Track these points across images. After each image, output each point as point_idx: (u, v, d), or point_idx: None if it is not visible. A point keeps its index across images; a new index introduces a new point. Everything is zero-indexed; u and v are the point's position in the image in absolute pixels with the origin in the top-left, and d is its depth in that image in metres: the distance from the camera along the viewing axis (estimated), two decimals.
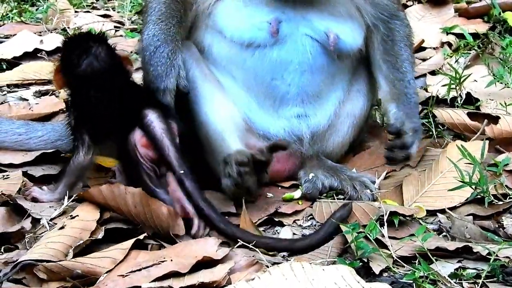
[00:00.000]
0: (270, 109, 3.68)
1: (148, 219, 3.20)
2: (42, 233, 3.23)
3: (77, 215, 3.23)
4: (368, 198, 3.57)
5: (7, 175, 3.62)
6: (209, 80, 3.61)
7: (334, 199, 3.61)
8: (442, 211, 3.43)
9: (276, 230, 3.41)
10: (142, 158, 3.25)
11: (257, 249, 3.07)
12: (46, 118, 4.39)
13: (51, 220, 3.32)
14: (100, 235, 3.15)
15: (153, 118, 3.25)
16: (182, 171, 3.20)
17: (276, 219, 3.47)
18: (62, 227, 3.17)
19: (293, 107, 3.69)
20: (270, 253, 3.14)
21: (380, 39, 3.78)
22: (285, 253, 3.19)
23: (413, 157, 3.62)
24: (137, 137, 3.26)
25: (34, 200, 3.47)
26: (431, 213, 3.44)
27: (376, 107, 4.16)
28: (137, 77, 4.96)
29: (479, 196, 3.36)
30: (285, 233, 3.39)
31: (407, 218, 3.35)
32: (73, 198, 3.40)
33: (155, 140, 3.23)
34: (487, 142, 3.58)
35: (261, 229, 3.38)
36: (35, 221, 3.34)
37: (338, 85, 3.80)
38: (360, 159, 3.92)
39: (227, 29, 3.60)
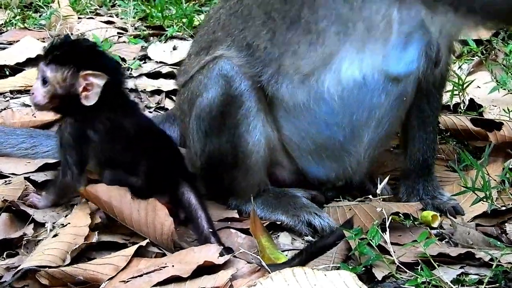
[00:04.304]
0: (336, 154, 3.58)
1: (149, 226, 3.20)
2: (44, 238, 3.22)
3: (69, 223, 3.23)
4: (387, 192, 3.58)
5: (9, 181, 3.62)
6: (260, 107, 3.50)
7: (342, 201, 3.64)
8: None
9: (277, 235, 3.42)
10: None
11: (259, 256, 3.06)
12: (49, 124, 4.39)
13: (54, 224, 3.32)
14: (94, 238, 3.15)
15: (186, 190, 3.28)
16: (210, 230, 3.22)
17: (279, 224, 3.47)
18: (55, 235, 3.17)
19: (357, 156, 3.58)
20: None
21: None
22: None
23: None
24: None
25: (33, 206, 3.47)
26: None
27: None
28: (138, 83, 5.02)
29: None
30: (284, 238, 3.39)
31: (414, 223, 3.36)
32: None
33: (189, 208, 3.27)
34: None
35: None
36: (37, 227, 3.34)
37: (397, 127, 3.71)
38: None
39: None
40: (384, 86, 3.39)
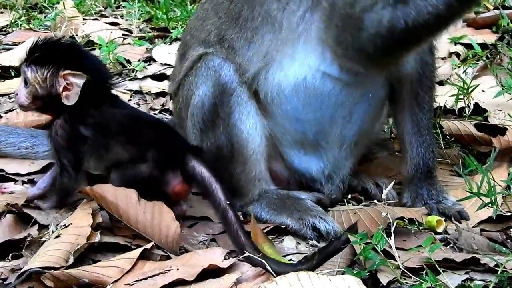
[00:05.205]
0: (313, 149, 3.62)
1: (154, 228, 3.20)
2: (48, 240, 3.22)
3: (71, 223, 3.23)
4: (392, 196, 3.60)
5: (11, 191, 3.60)
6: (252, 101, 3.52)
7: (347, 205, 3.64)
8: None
9: (282, 239, 3.41)
10: (169, 197, 3.29)
11: (264, 260, 3.05)
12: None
13: (58, 225, 3.31)
14: (96, 238, 3.15)
15: (197, 164, 3.26)
16: (228, 202, 3.20)
17: (283, 227, 3.46)
18: (58, 236, 3.17)
19: (334, 151, 3.63)
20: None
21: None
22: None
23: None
24: (176, 181, 3.29)
25: (37, 207, 3.47)
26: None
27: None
28: (143, 85, 5.03)
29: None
30: (288, 241, 3.39)
31: (419, 227, 3.35)
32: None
33: (203, 182, 3.25)
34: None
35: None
36: (42, 228, 3.34)
37: (374, 122, 3.76)
38: (367, 170, 3.91)
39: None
40: (335, 86, 3.44)
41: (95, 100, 3.37)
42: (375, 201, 3.61)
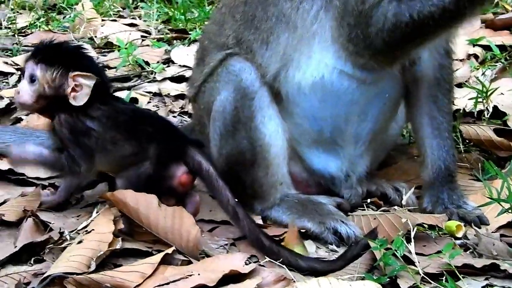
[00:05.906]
0: (330, 147, 3.64)
1: (175, 233, 3.21)
2: (69, 245, 3.23)
3: (93, 229, 3.25)
4: (412, 202, 3.61)
5: (24, 193, 3.63)
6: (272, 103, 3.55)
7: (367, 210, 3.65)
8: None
9: None
10: (174, 190, 3.32)
11: (284, 265, 3.07)
12: None
13: (71, 232, 3.34)
14: (118, 245, 3.17)
15: (203, 160, 3.30)
16: (236, 200, 3.24)
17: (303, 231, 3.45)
18: (80, 241, 3.19)
19: (349, 149, 3.65)
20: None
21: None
22: None
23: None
24: (180, 172, 3.31)
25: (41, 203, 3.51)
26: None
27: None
28: (162, 87, 5.04)
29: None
30: (308, 246, 3.38)
31: (439, 233, 3.36)
32: (97, 210, 3.42)
33: (209, 180, 3.30)
34: None
35: None
36: (63, 232, 3.35)
37: (388, 122, 3.77)
38: (386, 174, 3.91)
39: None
40: (351, 84, 3.47)
41: (100, 98, 3.41)
42: (395, 206, 3.62)
